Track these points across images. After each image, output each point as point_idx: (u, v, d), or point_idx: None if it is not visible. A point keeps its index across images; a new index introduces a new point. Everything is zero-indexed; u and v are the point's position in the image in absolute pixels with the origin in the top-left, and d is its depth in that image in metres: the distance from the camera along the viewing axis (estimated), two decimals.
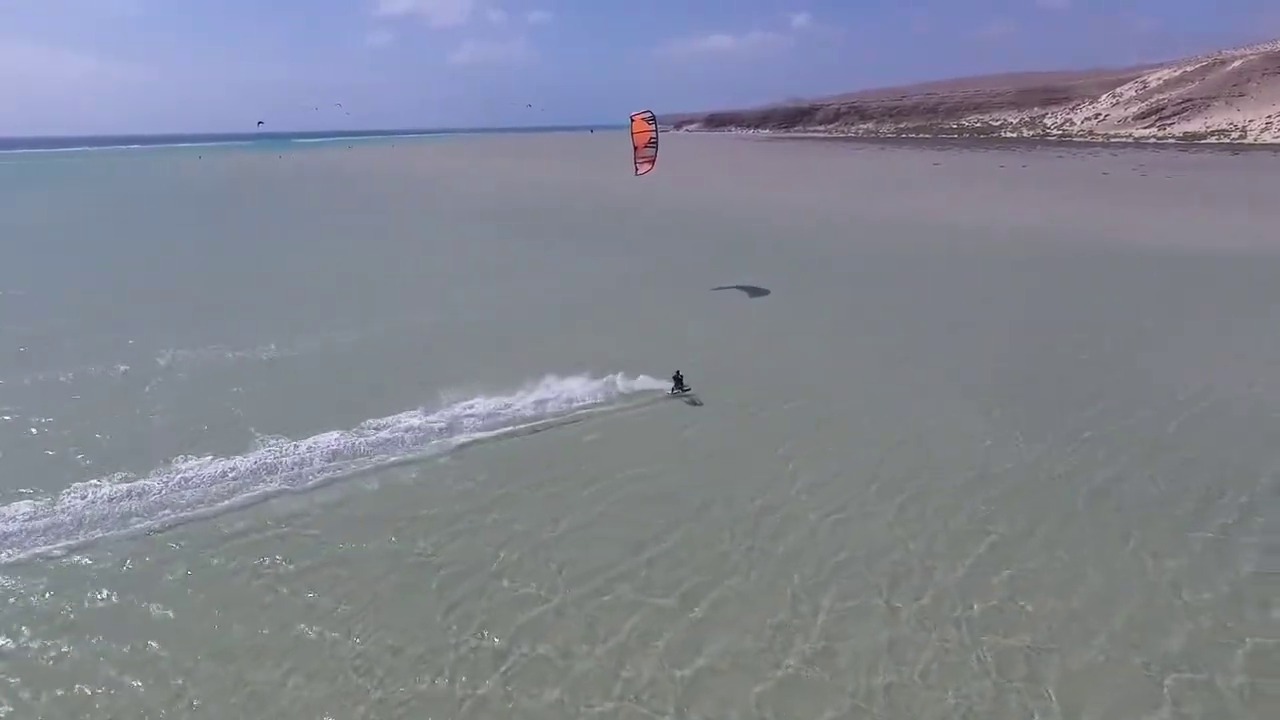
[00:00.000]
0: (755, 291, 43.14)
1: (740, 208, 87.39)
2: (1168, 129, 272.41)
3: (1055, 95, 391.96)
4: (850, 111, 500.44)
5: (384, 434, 23.95)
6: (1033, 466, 21.46)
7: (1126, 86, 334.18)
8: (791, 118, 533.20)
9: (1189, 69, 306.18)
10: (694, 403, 26.87)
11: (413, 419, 25.06)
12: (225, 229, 74.68)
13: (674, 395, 27.24)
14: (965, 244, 59.29)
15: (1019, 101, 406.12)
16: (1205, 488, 20.17)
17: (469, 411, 25.58)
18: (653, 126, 37.27)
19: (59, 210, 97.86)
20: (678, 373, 27.50)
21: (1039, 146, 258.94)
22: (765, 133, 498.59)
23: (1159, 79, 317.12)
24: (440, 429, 24.43)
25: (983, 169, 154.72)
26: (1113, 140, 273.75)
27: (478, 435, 24.16)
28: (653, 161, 37.48)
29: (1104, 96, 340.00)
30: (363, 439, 23.56)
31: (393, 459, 22.33)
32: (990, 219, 73.18)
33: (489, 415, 25.39)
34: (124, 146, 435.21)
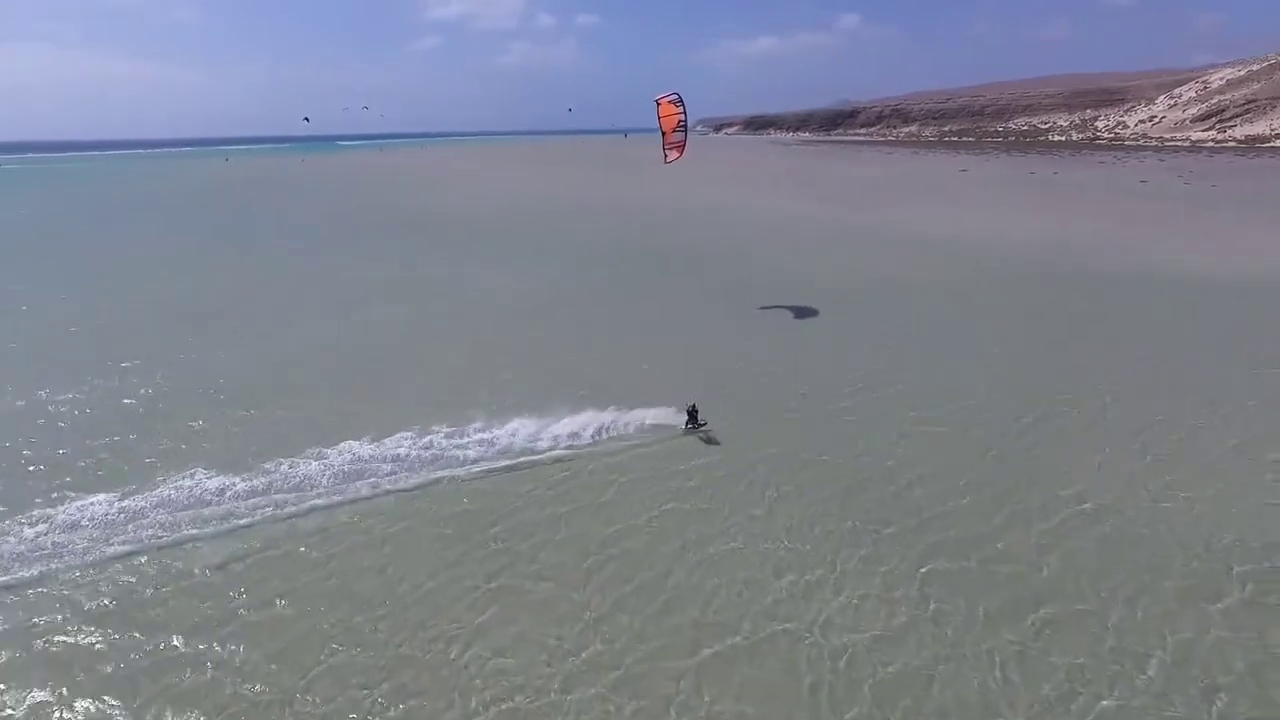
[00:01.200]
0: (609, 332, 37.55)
1: (698, 216, 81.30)
2: (1228, 132, 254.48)
3: (1109, 97, 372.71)
4: (893, 114, 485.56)
5: (31, 531, 19.30)
6: (826, 623, 15.47)
7: (1186, 87, 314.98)
8: (832, 120, 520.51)
9: (1255, 68, 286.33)
10: (710, 440, 23.83)
11: (99, 506, 20.36)
12: (136, 240, 72.04)
13: (688, 431, 24.25)
14: (930, 267, 52.39)
15: (1070, 103, 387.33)
16: (1067, 685, 14.01)
17: (169, 498, 20.70)
18: (680, 109, 33.94)
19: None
20: (693, 406, 24.39)
21: (1085, 150, 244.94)
22: (805, 135, 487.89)
23: (1221, 79, 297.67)
24: (121, 520, 19.69)
25: (1011, 176, 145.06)
26: (1167, 144, 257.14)
27: (153, 536, 19.09)
28: (682, 148, 34.65)
29: (1161, 98, 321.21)
30: None
31: None
32: (978, 234, 65.75)
33: (189, 503, 20.41)
34: (172, 149, 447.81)
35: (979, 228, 70.16)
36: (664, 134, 34.58)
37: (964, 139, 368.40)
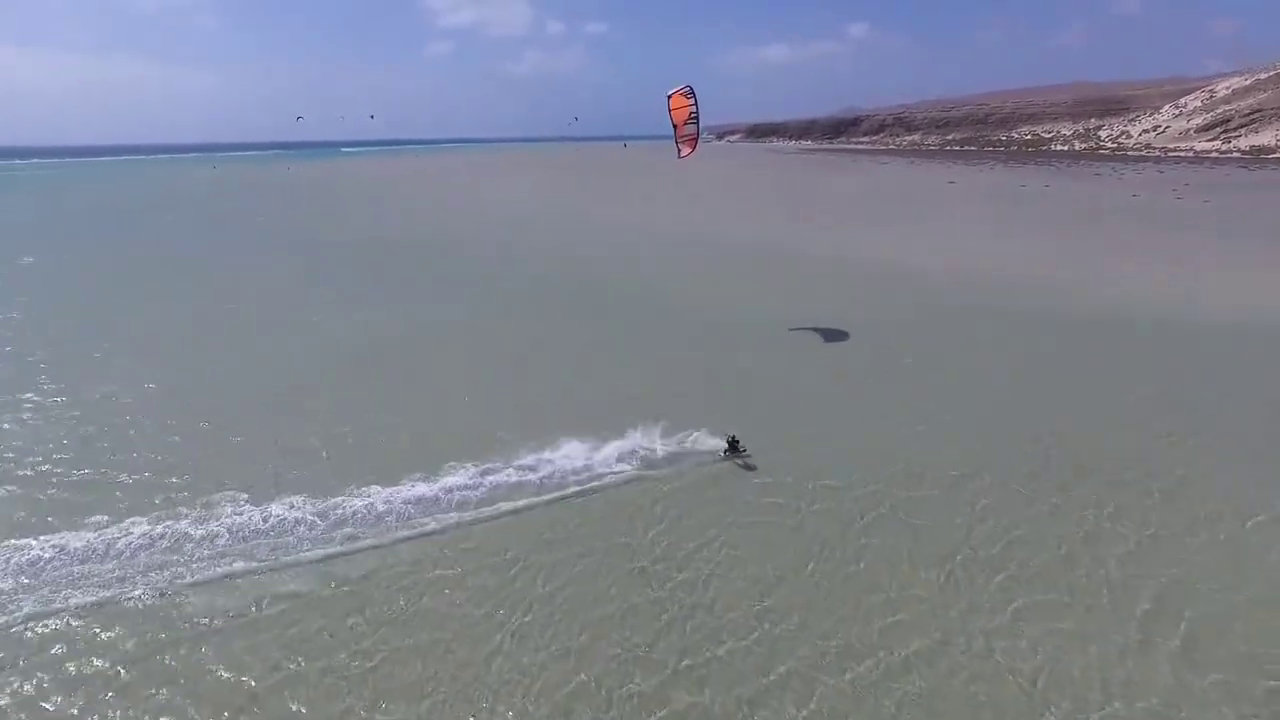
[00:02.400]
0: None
1: (634, 236, 77.89)
2: (1232, 142, 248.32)
3: (1114, 106, 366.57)
4: (896, 123, 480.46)
5: None
6: None
7: (1192, 96, 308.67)
8: (835, 129, 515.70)
9: (1261, 76, 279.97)
10: (748, 467, 23.39)
11: None
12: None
13: (726, 458, 23.84)
14: (861, 300, 48.88)
15: (1074, 112, 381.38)
16: None
17: None
18: (691, 100, 32.73)
19: None
20: (733, 437, 24.06)
21: (1085, 161, 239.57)
22: (807, 144, 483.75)
23: (1227, 87, 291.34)
24: None
25: (998, 189, 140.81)
26: (1170, 154, 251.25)
27: None
28: (695, 141, 33.90)
29: (1166, 107, 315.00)
30: None
31: None
32: (933, 260, 62.06)
33: None
34: (176, 155, 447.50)
35: (938, 252, 66.38)
36: (675, 127, 33.31)
37: (966, 148, 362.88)
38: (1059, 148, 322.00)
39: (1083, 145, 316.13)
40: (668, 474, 23.13)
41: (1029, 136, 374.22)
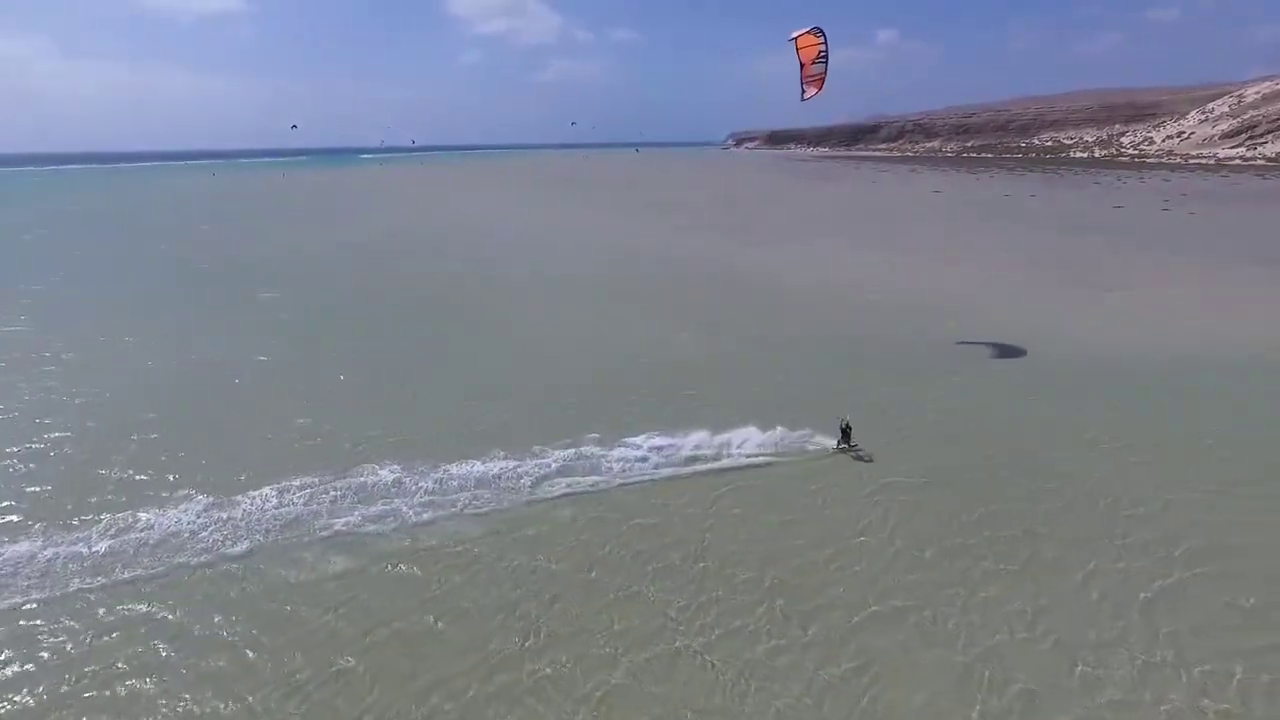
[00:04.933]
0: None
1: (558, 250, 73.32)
2: (1258, 149, 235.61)
3: (1141, 112, 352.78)
4: (915, 129, 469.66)
5: None
6: None
7: (1220, 102, 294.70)
8: (853, 135, 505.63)
9: None
10: (862, 458, 23.16)
11: None
12: None
13: (840, 451, 23.62)
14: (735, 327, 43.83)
15: (1099, 119, 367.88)
16: None
17: None
18: (821, 39, 31.78)
19: None
20: (846, 423, 23.69)
21: (1098, 169, 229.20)
22: (824, 150, 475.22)
23: (1257, 92, 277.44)
24: None
25: (980, 199, 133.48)
26: (1190, 161, 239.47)
27: None
28: (821, 81, 32.97)
29: (1192, 113, 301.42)
30: None
31: None
32: (846, 279, 56.56)
33: None
34: (194, 161, 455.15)
35: (853, 271, 60.87)
36: (802, 66, 31.98)
37: (984, 155, 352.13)
38: (1079, 155, 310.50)
39: (1103, 152, 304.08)
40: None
41: (1049, 143, 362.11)
